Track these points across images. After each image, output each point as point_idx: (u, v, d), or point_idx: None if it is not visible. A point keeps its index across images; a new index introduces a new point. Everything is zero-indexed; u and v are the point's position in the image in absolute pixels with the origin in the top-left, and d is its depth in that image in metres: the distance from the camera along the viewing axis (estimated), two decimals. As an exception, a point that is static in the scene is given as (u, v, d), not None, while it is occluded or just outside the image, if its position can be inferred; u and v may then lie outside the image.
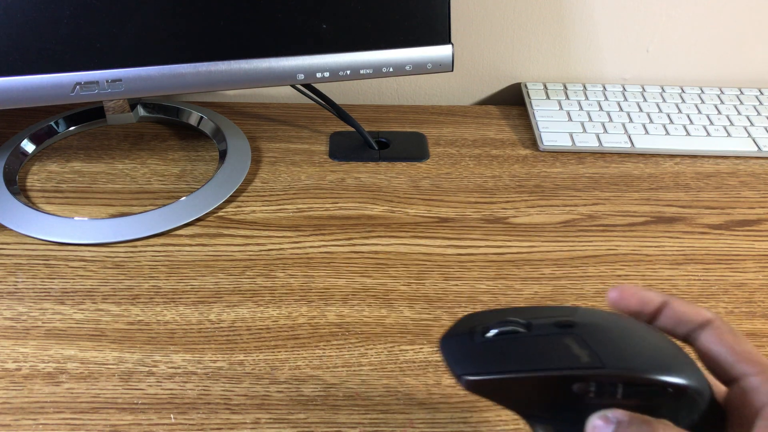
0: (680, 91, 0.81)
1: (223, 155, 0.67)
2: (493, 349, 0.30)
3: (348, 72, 0.62)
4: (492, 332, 0.30)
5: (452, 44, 0.64)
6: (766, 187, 0.68)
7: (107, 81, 0.57)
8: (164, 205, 0.60)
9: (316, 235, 0.59)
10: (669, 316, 0.31)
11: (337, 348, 0.49)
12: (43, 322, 0.50)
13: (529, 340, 0.30)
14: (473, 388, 0.29)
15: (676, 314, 0.31)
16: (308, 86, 0.69)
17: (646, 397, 0.28)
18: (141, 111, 0.73)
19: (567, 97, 0.79)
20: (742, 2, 0.78)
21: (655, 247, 0.60)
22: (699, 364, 0.30)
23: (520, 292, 0.54)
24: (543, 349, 0.29)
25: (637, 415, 0.27)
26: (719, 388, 0.31)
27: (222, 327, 0.50)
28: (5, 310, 0.51)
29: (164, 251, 0.57)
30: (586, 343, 0.29)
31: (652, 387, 0.28)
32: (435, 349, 0.49)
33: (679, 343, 0.31)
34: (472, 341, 0.30)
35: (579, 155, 0.71)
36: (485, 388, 0.30)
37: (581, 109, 0.77)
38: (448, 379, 0.47)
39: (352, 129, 0.71)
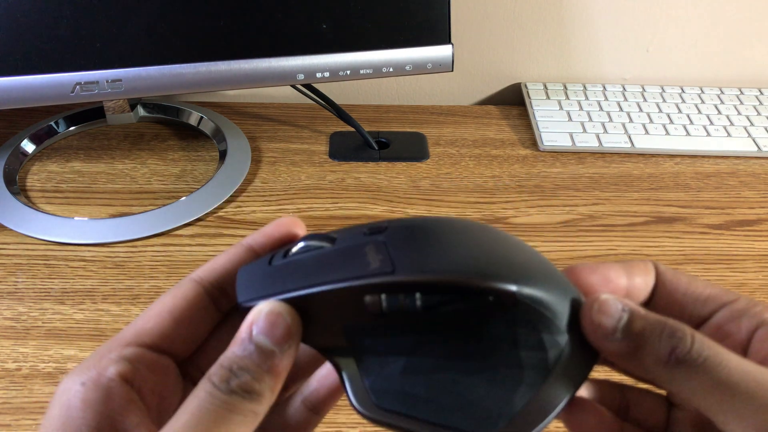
0: (680, 91, 0.81)
1: (223, 155, 0.67)
2: (284, 270, 0.24)
3: (348, 72, 0.62)
4: (292, 251, 0.25)
5: (452, 44, 0.64)
6: (766, 187, 0.68)
7: (107, 81, 0.57)
8: (164, 205, 0.60)
9: (316, 235, 0.59)
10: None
11: (337, 348, 0.49)
12: (43, 322, 0.50)
13: (328, 253, 0.24)
14: None
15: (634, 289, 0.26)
16: (308, 86, 0.69)
17: (463, 312, 0.22)
18: (141, 111, 0.73)
19: (567, 97, 0.79)
20: (742, 2, 0.78)
21: (655, 247, 0.60)
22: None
23: (520, 292, 0.54)
24: (336, 262, 0.23)
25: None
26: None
27: (222, 327, 0.50)
28: (5, 310, 0.51)
29: (164, 251, 0.57)
30: (386, 248, 0.23)
31: (465, 296, 0.22)
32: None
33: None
34: (268, 265, 0.25)
35: (579, 155, 0.71)
36: None
37: (581, 109, 0.77)
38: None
39: (352, 129, 0.71)
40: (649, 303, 0.26)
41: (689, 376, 0.21)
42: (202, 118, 0.72)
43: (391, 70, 0.63)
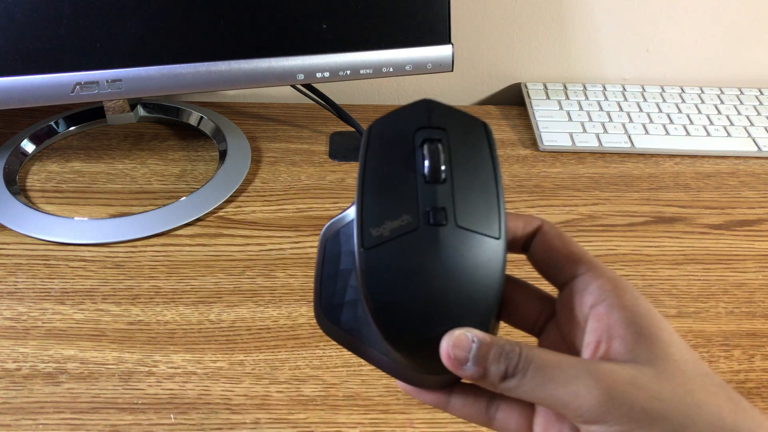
0: (680, 91, 0.81)
1: (223, 155, 0.67)
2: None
3: (348, 72, 0.62)
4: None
5: (452, 44, 0.64)
6: (766, 187, 0.68)
7: (107, 81, 0.57)
8: (164, 205, 0.60)
9: (316, 235, 0.59)
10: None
11: (337, 348, 0.49)
12: (43, 322, 0.50)
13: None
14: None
15: (510, 231, 0.31)
16: (308, 86, 0.69)
17: None
18: (141, 111, 0.73)
19: (567, 97, 0.79)
20: (742, 2, 0.78)
21: (655, 247, 0.60)
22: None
23: (520, 292, 0.54)
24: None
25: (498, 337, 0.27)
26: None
27: (222, 327, 0.50)
28: (5, 310, 0.51)
29: (164, 251, 0.57)
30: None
31: None
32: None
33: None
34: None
35: (579, 155, 0.71)
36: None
37: (581, 109, 0.77)
38: (448, 379, 0.47)
39: (352, 129, 0.71)
40: (528, 249, 0.31)
41: (522, 382, 0.26)
42: (202, 118, 0.72)
43: (391, 70, 0.63)
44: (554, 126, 0.74)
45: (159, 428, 0.43)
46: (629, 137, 0.73)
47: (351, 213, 0.29)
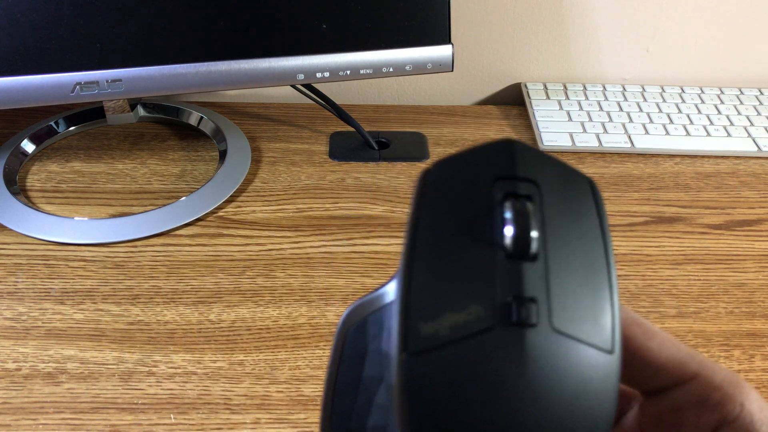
0: (680, 91, 0.81)
1: (223, 155, 0.67)
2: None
3: (348, 72, 0.62)
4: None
5: (452, 44, 0.64)
6: (766, 187, 0.68)
7: (107, 81, 0.57)
8: (164, 205, 0.60)
9: (316, 235, 0.59)
10: None
11: (337, 348, 0.49)
12: (43, 322, 0.50)
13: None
14: None
15: None
16: (308, 86, 0.69)
17: None
18: (141, 111, 0.73)
19: (567, 97, 0.79)
20: (742, 2, 0.78)
21: (655, 247, 0.60)
22: None
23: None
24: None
25: None
26: None
27: (222, 327, 0.50)
28: (5, 310, 0.51)
29: (164, 251, 0.57)
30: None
31: None
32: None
33: None
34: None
35: (579, 155, 0.71)
36: None
37: (581, 109, 0.77)
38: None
39: (352, 129, 0.71)
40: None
41: None
42: (202, 118, 0.72)
43: (391, 70, 0.63)
44: (554, 126, 0.74)
45: (159, 428, 0.43)
46: (629, 137, 0.73)
47: (390, 293, 0.21)
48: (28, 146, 0.68)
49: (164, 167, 0.67)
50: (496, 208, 0.20)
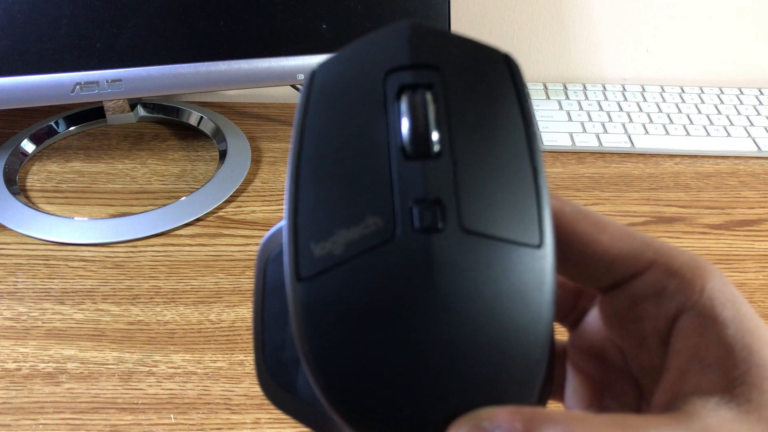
0: (680, 91, 0.81)
1: (223, 155, 0.67)
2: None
3: (348, 72, 0.62)
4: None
5: (452, 44, 0.64)
6: (766, 187, 0.68)
7: (107, 81, 0.57)
8: (164, 205, 0.60)
9: (316, 235, 0.59)
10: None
11: (337, 348, 0.49)
12: (43, 322, 0.50)
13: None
14: None
15: None
16: (308, 86, 0.69)
17: None
18: (141, 111, 0.73)
19: (567, 97, 0.79)
20: (742, 2, 0.78)
21: (655, 247, 0.59)
22: None
23: (520, 292, 0.54)
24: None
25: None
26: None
27: (222, 327, 0.50)
28: (5, 310, 0.51)
29: (164, 251, 0.57)
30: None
31: None
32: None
33: None
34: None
35: (579, 155, 0.71)
36: None
37: (581, 109, 0.77)
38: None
39: (352, 129, 0.71)
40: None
41: None
42: (202, 118, 0.72)
43: (391, 70, 0.63)
44: (554, 126, 0.74)
45: (159, 428, 0.43)
46: (629, 137, 0.73)
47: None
48: (28, 146, 0.68)
49: (164, 167, 0.67)
50: (390, 104, 0.17)
